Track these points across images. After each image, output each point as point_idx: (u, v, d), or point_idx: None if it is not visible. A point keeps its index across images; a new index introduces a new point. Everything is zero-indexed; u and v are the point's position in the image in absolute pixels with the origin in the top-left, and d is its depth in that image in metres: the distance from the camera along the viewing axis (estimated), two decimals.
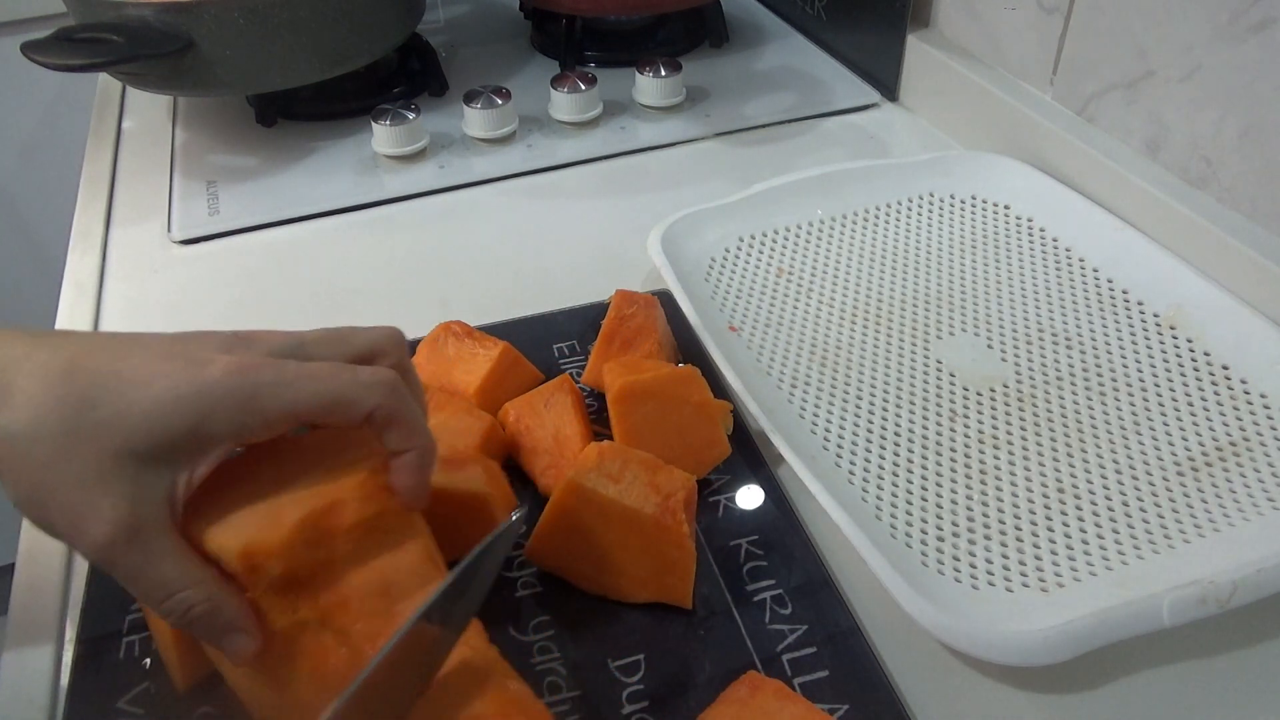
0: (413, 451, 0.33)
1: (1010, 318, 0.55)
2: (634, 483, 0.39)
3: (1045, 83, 0.66)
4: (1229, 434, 0.47)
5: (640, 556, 0.39)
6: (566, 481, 0.39)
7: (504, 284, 0.61)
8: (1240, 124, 0.52)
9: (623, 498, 0.39)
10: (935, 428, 0.48)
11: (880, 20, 0.78)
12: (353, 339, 0.34)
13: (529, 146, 0.73)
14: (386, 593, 0.32)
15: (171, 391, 0.29)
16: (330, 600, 0.32)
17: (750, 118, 0.77)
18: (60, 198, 1.17)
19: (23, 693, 0.39)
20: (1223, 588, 0.37)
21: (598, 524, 0.39)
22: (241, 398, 0.30)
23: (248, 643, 0.31)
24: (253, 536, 0.31)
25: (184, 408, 0.29)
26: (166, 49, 0.63)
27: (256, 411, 0.30)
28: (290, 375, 0.31)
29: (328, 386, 0.31)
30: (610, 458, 0.40)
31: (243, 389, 0.30)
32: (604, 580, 0.41)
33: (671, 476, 0.40)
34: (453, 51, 0.89)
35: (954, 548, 0.42)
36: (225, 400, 0.30)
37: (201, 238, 0.66)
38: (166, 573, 0.30)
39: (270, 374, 0.30)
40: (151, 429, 0.29)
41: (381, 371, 0.32)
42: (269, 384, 0.30)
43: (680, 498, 0.39)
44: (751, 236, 0.61)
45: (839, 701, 0.37)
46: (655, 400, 0.44)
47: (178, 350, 0.30)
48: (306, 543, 0.31)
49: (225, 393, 0.30)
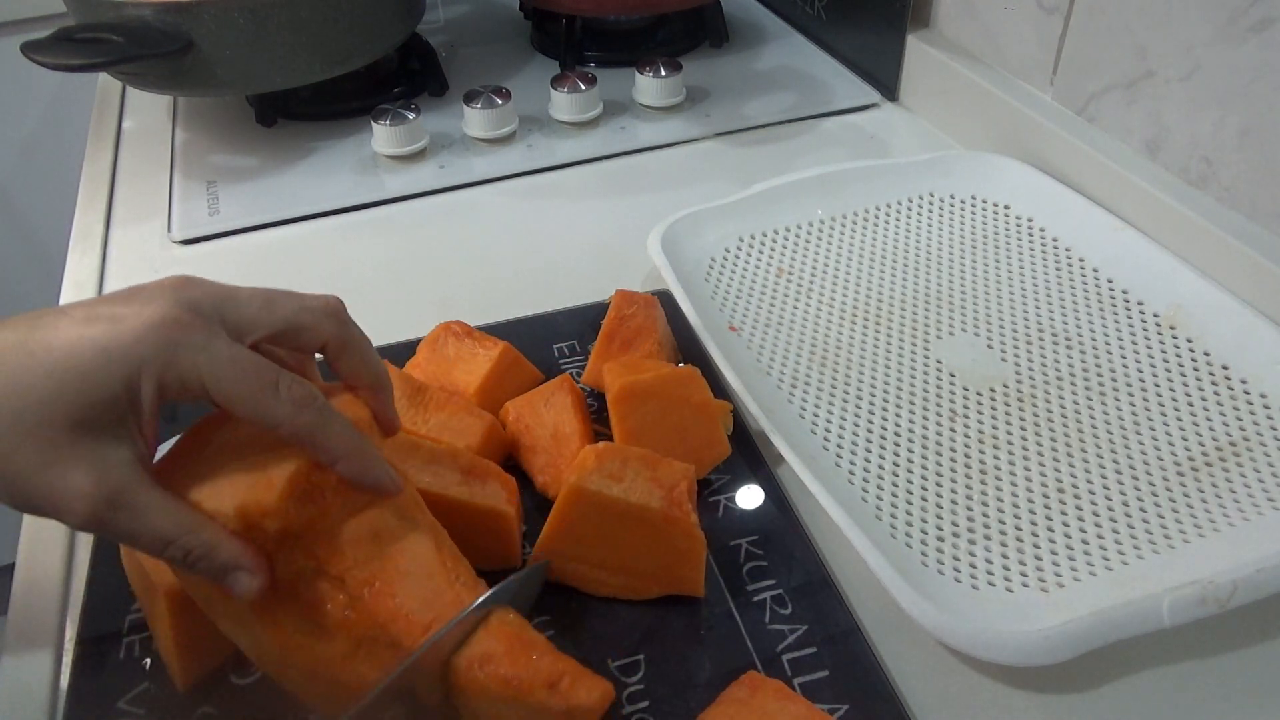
0: (339, 464, 0.33)
1: (1010, 318, 0.55)
2: (636, 479, 0.39)
3: (1045, 83, 0.66)
4: (1229, 434, 0.47)
5: (650, 552, 0.40)
6: (568, 488, 0.39)
7: (504, 284, 0.61)
8: (1240, 124, 0.52)
9: (628, 495, 0.39)
10: (935, 428, 0.48)
11: (880, 20, 0.78)
12: (284, 311, 0.33)
13: (529, 146, 0.73)
14: (377, 539, 0.33)
15: (100, 355, 0.30)
16: (325, 550, 0.33)
17: (750, 118, 0.77)
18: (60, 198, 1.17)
19: (23, 693, 0.39)
20: (1223, 588, 0.37)
21: (605, 526, 0.39)
22: (165, 357, 0.30)
23: (250, 580, 0.31)
24: (246, 497, 0.32)
25: (113, 369, 0.30)
26: (166, 49, 0.63)
27: (176, 371, 0.30)
28: (214, 349, 0.31)
29: (245, 390, 0.31)
30: (609, 458, 0.40)
31: (166, 347, 0.30)
32: (615, 581, 0.41)
33: (671, 468, 0.40)
34: (453, 51, 0.89)
35: (954, 548, 0.42)
36: (151, 356, 0.30)
37: (201, 238, 0.66)
38: (157, 525, 0.30)
39: (196, 337, 0.31)
40: (90, 397, 0.29)
41: (301, 393, 0.32)
42: (191, 347, 0.30)
43: (684, 488, 0.40)
44: (751, 236, 0.61)
45: (839, 701, 0.37)
46: (656, 400, 0.44)
47: (100, 312, 0.31)
48: (298, 499, 0.32)
49: (150, 349, 0.30)
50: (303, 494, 0.33)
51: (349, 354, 0.35)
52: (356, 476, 0.33)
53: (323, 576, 0.33)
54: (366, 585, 0.32)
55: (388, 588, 0.33)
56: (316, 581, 0.33)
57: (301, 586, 0.33)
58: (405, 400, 0.45)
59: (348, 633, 0.32)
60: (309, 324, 0.34)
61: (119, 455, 0.30)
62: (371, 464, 0.34)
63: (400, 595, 0.33)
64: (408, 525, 0.34)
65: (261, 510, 0.32)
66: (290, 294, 0.34)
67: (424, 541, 0.34)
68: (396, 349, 0.53)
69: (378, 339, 0.53)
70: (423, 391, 0.46)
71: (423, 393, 0.45)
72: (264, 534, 0.32)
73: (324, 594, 0.33)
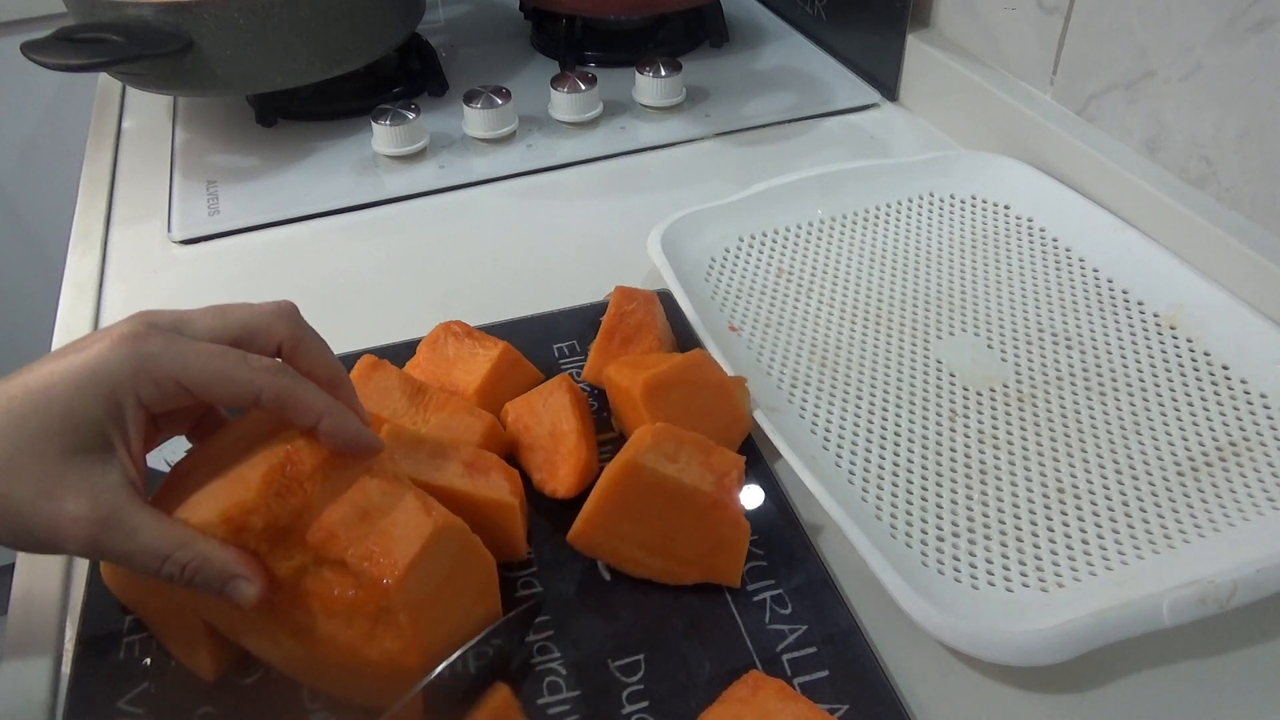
0: (323, 421, 0.34)
1: (1010, 318, 0.55)
2: (690, 462, 0.40)
3: (1045, 83, 0.66)
4: (1229, 434, 0.47)
5: (693, 536, 0.40)
6: (624, 461, 0.39)
7: (504, 284, 0.61)
8: (1240, 124, 0.52)
9: (681, 476, 0.39)
10: (935, 428, 0.48)
11: (880, 20, 0.78)
12: (234, 317, 0.35)
13: (529, 146, 0.73)
14: (366, 516, 0.34)
15: (73, 382, 0.31)
16: (317, 538, 0.33)
17: (750, 118, 0.77)
18: (60, 198, 1.17)
19: (23, 693, 0.39)
20: (1223, 588, 0.37)
21: (653, 504, 0.39)
22: (132, 366, 0.32)
23: (248, 586, 0.32)
24: (227, 500, 0.33)
25: (88, 391, 0.31)
26: (166, 49, 0.63)
27: (148, 377, 0.32)
28: (174, 347, 0.32)
29: (214, 363, 0.33)
30: (665, 437, 0.40)
31: (131, 358, 0.32)
32: (654, 563, 0.41)
33: (724, 457, 0.41)
34: (453, 51, 0.89)
35: (954, 548, 0.42)
36: (119, 371, 0.31)
37: (201, 238, 0.66)
38: (150, 543, 0.32)
39: (155, 345, 0.32)
40: (75, 423, 0.31)
41: (267, 359, 0.34)
42: (155, 353, 0.32)
43: (734, 476, 0.40)
44: (751, 236, 0.61)
45: (839, 701, 0.37)
46: (679, 388, 0.44)
47: (67, 349, 0.33)
48: (277, 493, 0.33)
49: (117, 364, 0.31)
50: (281, 487, 0.33)
51: (304, 351, 0.36)
52: (339, 431, 0.34)
53: (322, 565, 0.33)
54: (366, 560, 0.33)
55: (387, 557, 0.33)
56: (318, 571, 0.33)
57: (306, 581, 0.33)
58: (405, 400, 0.45)
59: (362, 612, 0.33)
60: (263, 325, 0.35)
61: (108, 479, 0.32)
62: (351, 419, 0.35)
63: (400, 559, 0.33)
64: (391, 496, 0.35)
65: (243, 509, 0.32)
66: (242, 304, 0.36)
67: (411, 505, 0.35)
68: (396, 349, 0.53)
69: (378, 339, 0.54)
70: (423, 391, 0.46)
71: (423, 393, 0.45)
72: (253, 534, 0.33)
73: (328, 581, 0.33)
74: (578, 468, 0.44)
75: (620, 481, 0.39)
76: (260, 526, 0.33)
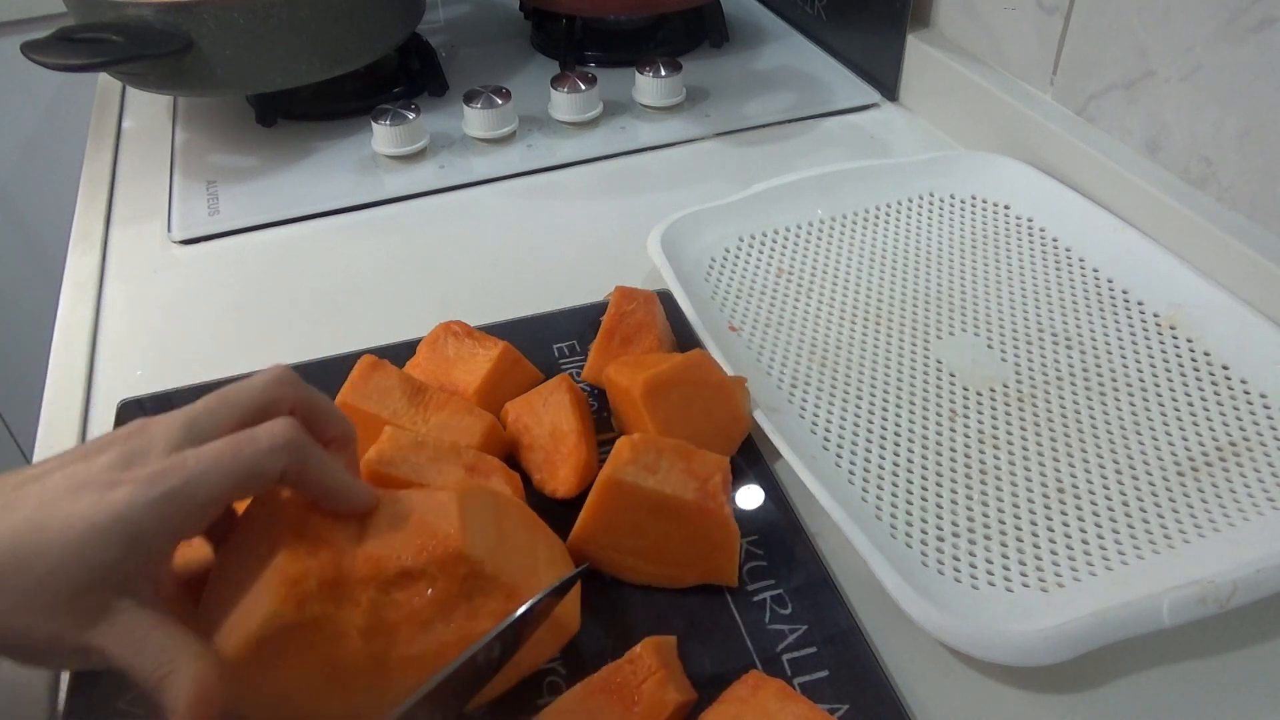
0: (329, 499, 0.34)
1: (1010, 318, 0.55)
2: (670, 471, 0.40)
3: (1045, 83, 0.66)
4: (1229, 434, 0.47)
5: (685, 542, 0.40)
6: (603, 479, 0.39)
7: (504, 284, 0.61)
8: (1240, 124, 0.52)
9: (661, 487, 0.39)
10: (935, 428, 0.48)
11: (880, 20, 0.78)
12: (240, 399, 0.34)
13: (529, 146, 0.73)
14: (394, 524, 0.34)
15: (92, 529, 0.29)
16: (367, 569, 0.33)
17: (750, 118, 0.77)
18: (60, 198, 1.17)
19: (23, 693, 0.39)
20: (1223, 588, 0.37)
21: (639, 516, 0.39)
22: (158, 510, 0.30)
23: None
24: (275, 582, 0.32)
25: (109, 539, 0.30)
26: (166, 49, 0.63)
27: (176, 516, 0.30)
28: (194, 469, 0.31)
29: (232, 466, 0.31)
30: (643, 449, 0.40)
31: (156, 501, 0.30)
32: (652, 570, 0.41)
33: (706, 460, 0.41)
34: (453, 51, 0.89)
35: (954, 548, 0.42)
36: (143, 518, 0.30)
37: (201, 238, 0.66)
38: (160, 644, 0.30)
39: (176, 477, 0.30)
40: (90, 567, 0.29)
41: (278, 428, 0.32)
42: (178, 488, 0.30)
43: (718, 480, 0.40)
44: (751, 236, 0.61)
45: (839, 701, 0.37)
46: (680, 388, 0.44)
47: (80, 481, 0.31)
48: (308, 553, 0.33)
49: (141, 511, 0.30)
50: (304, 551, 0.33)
51: (316, 413, 0.35)
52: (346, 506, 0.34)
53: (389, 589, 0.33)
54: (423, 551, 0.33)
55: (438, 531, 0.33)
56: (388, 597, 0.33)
57: (385, 613, 0.33)
58: (405, 400, 0.45)
59: (451, 597, 0.33)
60: (271, 397, 0.34)
61: (123, 603, 0.30)
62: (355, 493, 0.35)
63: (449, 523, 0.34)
64: (403, 500, 0.35)
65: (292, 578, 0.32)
66: (239, 385, 0.34)
67: (424, 493, 0.35)
68: (396, 349, 0.53)
69: (377, 339, 0.54)
70: (422, 392, 0.46)
71: (422, 393, 0.45)
72: (312, 598, 0.32)
73: (403, 599, 0.33)
74: (578, 468, 0.44)
75: (603, 498, 0.39)
76: (314, 587, 0.32)
